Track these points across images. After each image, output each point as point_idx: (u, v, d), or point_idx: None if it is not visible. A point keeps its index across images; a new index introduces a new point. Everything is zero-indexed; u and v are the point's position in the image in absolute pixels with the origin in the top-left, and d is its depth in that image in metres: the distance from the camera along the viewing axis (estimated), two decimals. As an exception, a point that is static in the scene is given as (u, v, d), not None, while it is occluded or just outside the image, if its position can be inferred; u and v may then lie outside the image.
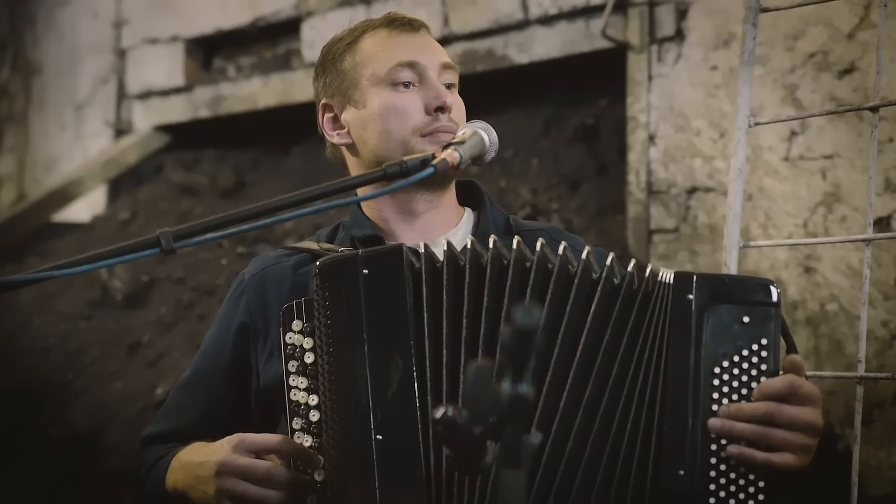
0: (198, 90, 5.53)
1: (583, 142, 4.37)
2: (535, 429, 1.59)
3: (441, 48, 1.96)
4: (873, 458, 3.29)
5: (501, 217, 1.96)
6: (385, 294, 1.66)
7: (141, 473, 1.92)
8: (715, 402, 1.57)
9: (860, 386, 2.33)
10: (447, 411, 1.26)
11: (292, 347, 1.70)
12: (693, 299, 1.61)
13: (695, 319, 1.60)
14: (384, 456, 1.61)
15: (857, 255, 3.37)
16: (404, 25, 1.93)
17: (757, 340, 1.58)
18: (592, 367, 1.62)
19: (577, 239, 1.95)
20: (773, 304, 1.60)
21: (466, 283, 1.66)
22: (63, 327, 4.85)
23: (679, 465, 1.57)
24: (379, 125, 1.87)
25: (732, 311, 1.60)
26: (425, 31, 1.96)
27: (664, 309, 1.62)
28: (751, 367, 1.58)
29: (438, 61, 1.90)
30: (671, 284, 1.63)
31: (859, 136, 3.40)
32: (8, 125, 6.38)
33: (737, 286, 1.63)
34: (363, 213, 1.94)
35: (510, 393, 1.16)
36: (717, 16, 3.79)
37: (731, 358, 1.58)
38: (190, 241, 1.48)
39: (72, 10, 6.13)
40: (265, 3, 5.26)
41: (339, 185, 1.61)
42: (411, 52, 1.89)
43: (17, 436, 4.41)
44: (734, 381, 1.58)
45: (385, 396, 1.63)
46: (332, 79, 1.95)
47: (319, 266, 1.69)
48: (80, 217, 5.75)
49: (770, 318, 1.59)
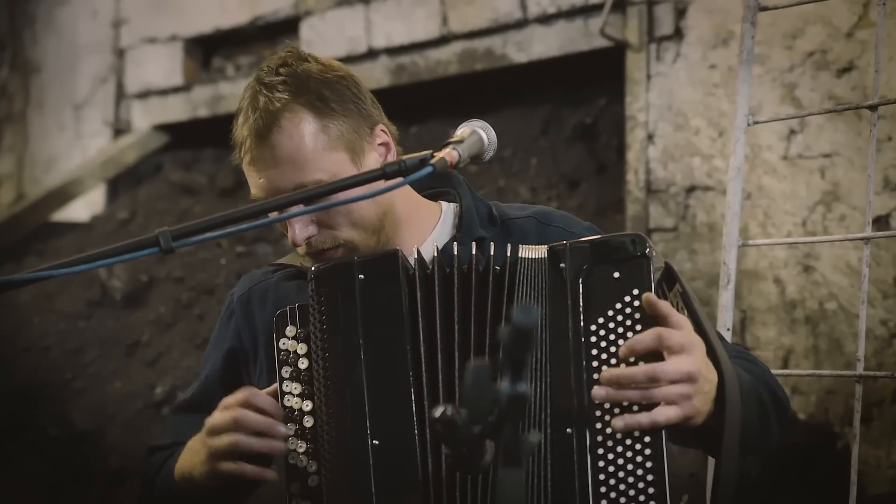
0: (197, 90, 5.53)
1: (582, 141, 4.37)
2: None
3: (291, 160, 1.70)
4: (872, 457, 3.29)
5: (484, 207, 1.92)
6: (381, 299, 1.67)
7: (149, 477, 1.93)
8: (595, 358, 1.59)
9: (859, 384, 2.33)
10: (446, 411, 1.26)
11: (286, 353, 1.70)
12: (565, 267, 1.63)
13: (570, 286, 1.62)
14: (381, 461, 1.61)
15: (855, 254, 3.37)
16: (251, 150, 1.74)
17: (628, 292, 1.59)
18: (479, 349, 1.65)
19: (568, 218, 1.93)
20: (640, 256, 1.60)
21: (456, 288, 1.67)
22: (62, 327, 4.85)
23: (566, 424, 1.58)
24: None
25: (603, 270, 1.61)
26: (270, 141, 1.72)
27: (538, 282, 1.65)
28: (625, 318, 1.59)
29: (290, 185, 1.70)
30: (545, 258, 1.66)
31: (858, 135, 3.41)
32: (7, 125, 6.38)
33: (605, 246, 1.64)
34: None
35: (509, 392, 1.16)
36: (716, 14, 3.79)
37: (605, 314, 1.60)
38: (189, 241, 1.48)
39: (71, 9, 6.12)
40: (264, 3, 5.26)
41: (337, 185, 1.61)
42: (260, 191, 1.74)
43: (16, 435, 4.41)
44: (611, 335, 1.59)
45: (382, 401, 1.63)
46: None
47: (315, 272, 1.69)
48: (79, 216, 5.75)
49: (640, 269, 1.60)
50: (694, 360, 1.54)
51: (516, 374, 1.16)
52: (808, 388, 3.47)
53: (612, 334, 1.59)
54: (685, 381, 1.53)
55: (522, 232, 1.88)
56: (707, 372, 1.55)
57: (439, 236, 1.87)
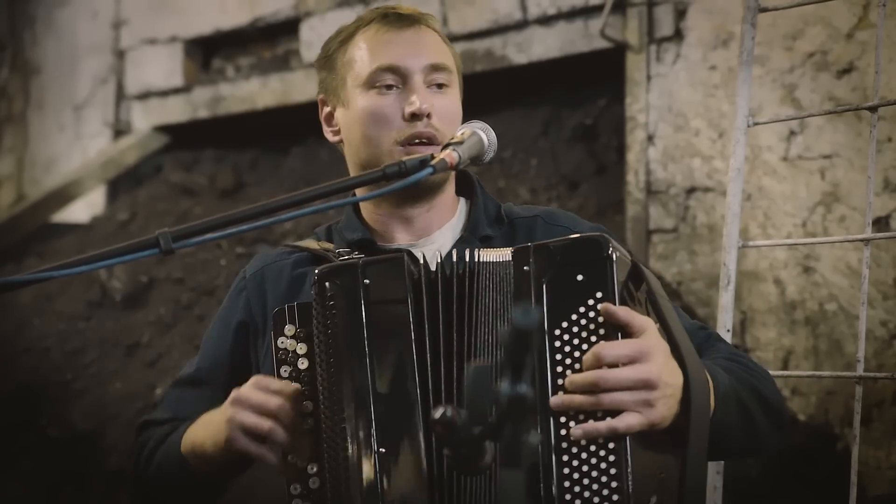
0: (197, 91, 5.53)
1: (582, 142, 4.38)
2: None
3: (435, 45, 1.89)
4: (872, 458, 3.29)
5: (493, 206, 1.95)
6: (386, 304, 1.65)
7: (146, 450, 1.92)
8: (559, 363, 1.57)
9: (859, 385, 2.33)
10: (446, 412, 1.26)
11: (284, 352, 1.69)
12: (530, 269, 1.61)
13: (534, 288, 1.59)
14: (386, 470, 1.59)
15: (856, 255, 3.37)
16: (395, 21, 1.88)
17: (591, 296, 1.57)
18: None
19: (575, 219, 1.94)
20: (603, 258, 1.57)
21: (463, 292, 1.66)
22: (62, 328, 4.85)
23: (531, 429, 1.55)
24: (361, 129, 1.85)
25: (567, 272, 1.59)
26: (420, 26, 1.89)
27: (509, 284, 1.63)
28: (588, 322, 1.56)
29: (425, 62, 1.85)
30: (510, 261, 1.64)
31: (858, 136, 3.41)
32: (7, 126, 6.38)
33: (569, 248, 1.61)
34: (355, 215, 1.93)
35: (509, 393, 1.16)
36: (716, 15, 3.79)
37: (569, 317, 1.57)
38: (189, 242, 1.48)
39: (71, 10, 6.13)
40: (264, 4, 5.26)
41: (337, 186, 1.61)
42: (394, 55, 1.84)
43: (16, 436, 4.41)
44: (574, 339, 1.57)
45: (387, 409, 1.61)
46: (327, 75, 1.94)
47: (319, 274, 1.67)
48: (80, 217, 5.75)
49: (603, 271, 1.57)
50: (649, 366, 1.52)
51: (516, 375, 1.16)
52: (808, 389, 3.47)
53: (576, 338, 1.57)
54: (641, 387, 1.51)
55: (528, 231, 1.89)
56: (669, 376, 1.53)
57: (454, 228, 1.90)
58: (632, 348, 1.53)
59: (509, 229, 1.90)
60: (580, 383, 1.53)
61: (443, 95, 1.87)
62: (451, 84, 1.89)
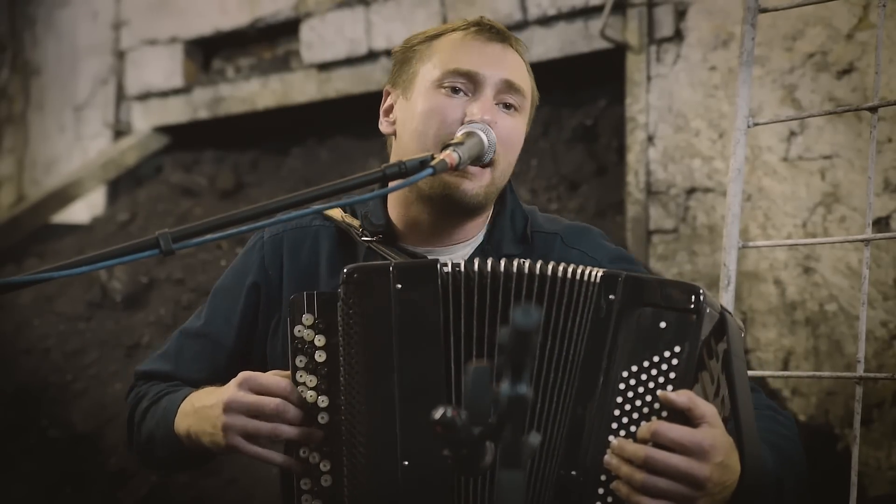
0: (197, 91, 5.53)
1: (582, 142, 4.37)
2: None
3: (516, 66, 1.86)
4: (872, 458, 3.29)
5: (521, 220, 1.89)
6: (417, 311, 1.60)
7: (140, 407, 1.91)
8: (618, 406, 1.52)
9: (859, 386, 2.33)
10: (446, 412, 1.26)
11: (301, 342, 1.66)
12: (615, 299, 1.56)
13: (614, 320, 1.55)
14: (411, 484, 1.55)
15: (856, 256, 3.37)
16: (485, 32, 1.86)
17: (669, 348, 1.52)
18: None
19: (596, 243, 1.89)
20: (690, 311, 1.51)
21: (486, 301, 1.62)
22: (62, 328, 4.85)
23: (572, 466, 1.53)
24: (416, 124, 1.81)
25: (651, 314, 1.53)
26: (508, 45, 1.86)
27: (588, 309, 1.58)
28: (659, 374, 1.51)
29: (501, 77, 1.81)
30: (598, 283, 1.59)
31: (858, 137, 3.41)
32: (7, 126, 6.38)
33: (659, 288, 1.55)
34: (382, 207, 1.89)
35: (509, 393, 1.16)
36: (716, 16, 3.79)
37: (640, 363, 1.52)
38: (189, 243, 1.48)
39: (71, 11, 6.13)
40: (264, 5, 5.26)
41: (337, 186, 1.60)
42: (473, 61, 1.81)
43: (16, 436, 4.41)
44: (640, 387, 1.52)
45: (413, 420, 1.56)
46: (400, 67, 1.90)
47: (348, 273, 1.62)
48: (80, 218, 5.75)
49: (687, 326, 1.51)
50: (703, 466, 1.46)
51: (516, 376, 1.16)
52: (808, 389, 3.47)
53: (642, 387, 1.52)
54: (687, 483, 1.47)
55: (545, 249, 1.85)
56: (721, 476, 1.47)
57: (476, 243, 1.86)
58: (690, 440, 1.47)
59: (530, 247, 1.86)
60: (629, 453, 1.49)
61: (508, 117, 1.83)
62: (520, 109, 1.85)
